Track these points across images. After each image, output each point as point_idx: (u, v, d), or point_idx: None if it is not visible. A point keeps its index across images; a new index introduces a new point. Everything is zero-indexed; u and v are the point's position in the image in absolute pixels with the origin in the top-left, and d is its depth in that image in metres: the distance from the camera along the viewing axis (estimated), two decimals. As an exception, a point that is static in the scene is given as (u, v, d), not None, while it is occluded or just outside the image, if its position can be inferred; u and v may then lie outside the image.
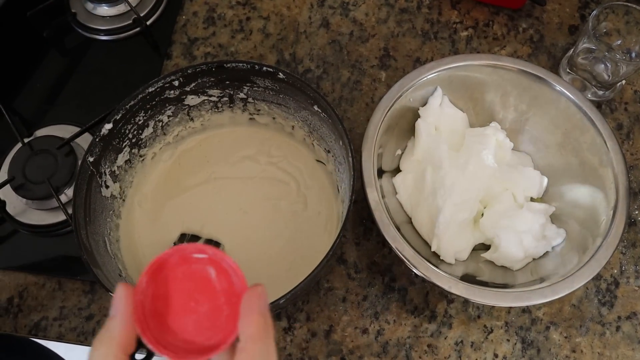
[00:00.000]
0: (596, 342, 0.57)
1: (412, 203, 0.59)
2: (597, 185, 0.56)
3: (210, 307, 0.31)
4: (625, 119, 0.66)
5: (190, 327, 0.31)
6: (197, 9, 0.73)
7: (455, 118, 0.62)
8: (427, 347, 0.57)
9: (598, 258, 0.51)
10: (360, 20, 0.72)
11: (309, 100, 0.55)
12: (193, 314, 0.31)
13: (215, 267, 0.32)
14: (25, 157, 0.63)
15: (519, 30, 0.71)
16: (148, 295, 0.31)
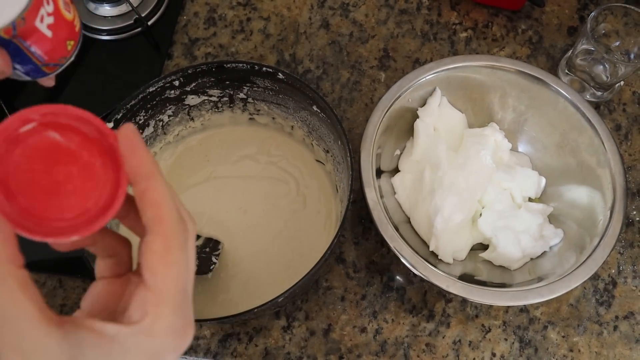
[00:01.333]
0: (594, 341, 0.57)
1: (410, 203, 0.59)
2: (594, 186, 0.56)
3: (79, 170, 0.26)
4: (623, 120, 0.66)
5: (73, 203, 0.26)
6: (198, 9, 0.74)
7: (454, 118, 0.62)
8: (425, 346, 0.57)
9: (595, 258, 0.52)
10: (360, 21, 0.73)
11: (308, 101, 0.55)
12: (66, 188, 0.26)
13: (55, 129, 0.26)
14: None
15: (518, 32, 0.71)
16: (4, 205, 0.25)
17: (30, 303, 0.23)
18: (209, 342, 0.58)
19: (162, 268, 0.26)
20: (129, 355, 0.25)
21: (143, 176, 0.26)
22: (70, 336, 0.24)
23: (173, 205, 0.27)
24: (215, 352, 0.57)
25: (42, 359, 0.23)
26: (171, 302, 0.26)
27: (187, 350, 0.57)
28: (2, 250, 0.23)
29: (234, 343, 0.58)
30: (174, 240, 0.26)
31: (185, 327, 0.27)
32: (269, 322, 0.58)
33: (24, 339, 0.23)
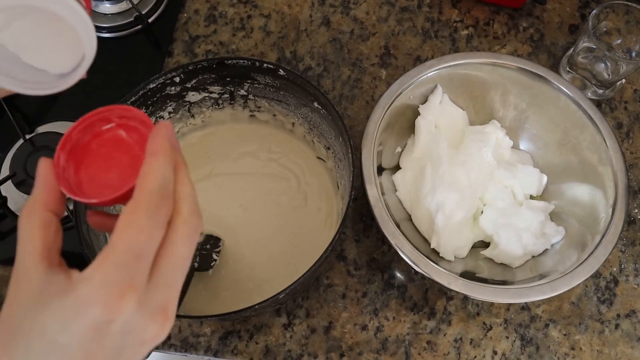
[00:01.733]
0: (595, 339, 0.57)
1: (411, 200, 0.59)
2: (596, 184, 0.56)
3: (128, 159, 0.33)
4: (625, 118, 0.66)
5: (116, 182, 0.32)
6: (199, 6, 0.74)
7: (455, 116, 0.62)
8: (427, 343, 0.57)
9: (597, 255, 0.51)
10: (361, 18, 0.72)
11: (310, 97, 0.55)
12: (115, 170, 0.33)
13: (124, 129, 0.34)
14: (27, 153, 0.63)
15: (520, 29, 0.71)
16: (70, 173, 0.32)
17: (39, 239, 0.28)
18: (210, 340, 0.57)
19: (121, 226, 0.28)
20: (69, 296, 0.27)
21: (148, 154, 0.30)
22: (50, 273, 0.28)
23: (158, 179, 0.29)
24: (216, 350, 0.57)
25: (24, 283, 0.28)
26: (116, 255, 0.27)
27: (187, 347, 0.57)
28: (42, 194, 0.30)
29: (234, 340, 0.57)
30: (142, 205, 0.28)
31: (125, 287, 0.27)
32: (269, 320, 0.58)
33: (21, 265, 0.28)
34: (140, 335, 0.28)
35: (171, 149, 0.31)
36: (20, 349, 0.27)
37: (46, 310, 0.27)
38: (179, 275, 0.30)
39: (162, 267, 0.29)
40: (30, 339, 0.27)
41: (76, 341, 0.27)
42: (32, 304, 0.27)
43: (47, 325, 0.27)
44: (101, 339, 0.27)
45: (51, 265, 0.28)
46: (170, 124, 0.32)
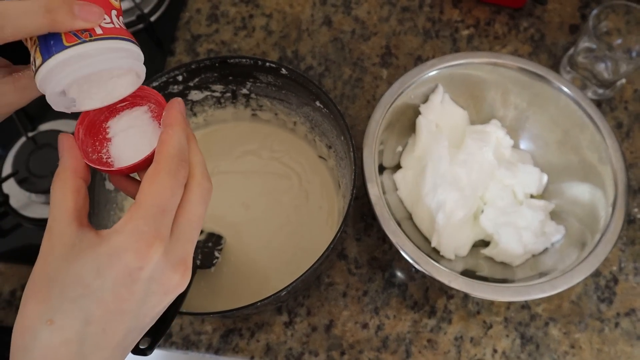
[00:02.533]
0: (595, 338, 0.57)
1: (412, 199, 0.59)
2: (596, 183, 0.56)
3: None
4: (625, 118, 0.66)
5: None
6: (201, 6, 0.74)
7: (456, 115, 0.62)
8: (427, 342, 0.57)
9: (597, 254, 0.52)
10: (362, 18, 0.73)
11: (311, 96, 0.55)
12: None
13: (139, 106, 0.37)
14: (29, 151, 0.63)
15: (520, 29, 0.71)
16: (88, 145, 0.35)
17: (72, 202, 0.31)
18: (211, 338, 0.58)
19: (146, 184, 0.31)
20: (101, 246, 0.30)
21: (165, 125, 0.33)
22: (82, 231, 0.31)
23: (175, 145, 0.32)
24: (217, 348, 0.57)
25: (57, 238, 0.30)
26: (144, 209, 0.30)
27: (189, 345, 0.57)
28: (71, 162, 0.33)
29: (235, 338, 0.58)
30: (163, 165, 0.31)
31: (153, 237, 0.30)
32: (270, 318, 0.58)
33: (55, 221, 0.31)
34: (164, 284, 0.31)
35: (184, 121, 0.34)
36: (56, 294, 0.29)
37: (80, 260, 0.30)
38: (195, 232, 0.33)
39: (181, 224, 0.32)
40: (65, 285, 0.29)
41: (109, 285, 0.29)
42: (66, 255, 0.30)
43: (82, 272, 0.29)
44: (131, 284, 0.30)
45: (81, 225, 0.31)
46: (182, 100, 0.35)
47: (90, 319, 0.29)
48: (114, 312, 0.30)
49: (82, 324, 0.29)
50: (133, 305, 0.30)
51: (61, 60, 0.30)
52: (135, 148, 0.35)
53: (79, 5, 0.30)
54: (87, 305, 0.29)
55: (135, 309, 0.31)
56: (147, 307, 0.31)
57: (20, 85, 0.34)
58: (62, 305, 0.29)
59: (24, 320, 0.29)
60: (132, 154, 0.35)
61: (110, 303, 0.30)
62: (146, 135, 0.35)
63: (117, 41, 0.32)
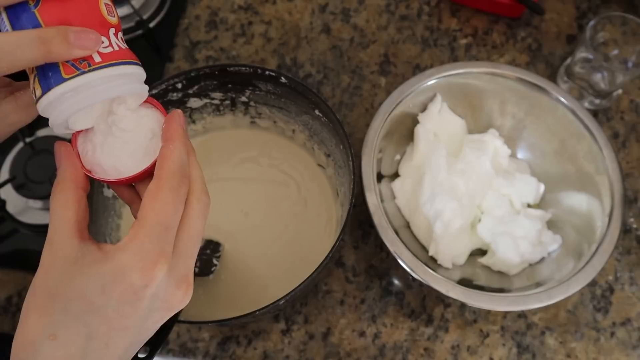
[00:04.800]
0: (591, 347, 0.58)
1: (410, 208, 0.60)
2: (593, 193, 0.57)
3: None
4: (621, 128, 0.67)
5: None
6: (200, 12, 0.74)
7: (454, 124, 0.62)
8: (424, 350, 0.58)
9: (593, 264, 0.52)
10: (360, 26, 0.73)
11: (310, 105, 0.55)
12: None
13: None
14: (27, 156, 0.63)
15: (518, 39, 0.72)
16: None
17: (73, 213, 0.31)
18: (208, 345, 0.58)
19: (149, 202, 0.31)
20: (105, 264, 0.30)
21: (165, 139, 0.33)
22: (83, 244, 0.30)
23: (176, 161, 0.32)
24: (214, 355, 0.57)
25: (59, 251, 0.30)
26: (147, 228, 0.30)
27: (186, 352, 0.57)
28: (70, 172, 0.32)
29: (232, 346, 0.58)
30: (165, 182, 0.31)
31: (157, 256, 0.30)
32: (268, 326, 0.58)
33: (56, 234, 0.31)
34: (168, 301, 0.31)
35: (185, 134, 0.34)
36: (59, 309, 0.29)
37: (83, 276, 0.29)
38: (196, 248, 0.33)
39: (182, 240, 0.32)
40: (69, 301, 0.29)
41: (113, 303, 0.29)
42: (68, 270, 0.30)
43: (86, 289, 0.29)
44: (136, 302, 0.30)
45: (83, 238, 0.31)
46: (182, 113, 0.35)
47: (93, 335, 0.29)
48: (117, 329, 0.30)
49: (85, 340, 0.29)
50: (136, 321, 0.30)
51: (60, 94, 0.30)
52: (133, 159, 0.34)
53: (74, 32, 0.29)
54: (91, 321, 0.29)
55: (138, 325, 0.31)
56: (149, 323, 0.31)
57: (23, 103, 0.34)
58: (66, 321, 0.29)
59: (26, 333, 0.29)
60: (130, 164, 0.34)
61: (114, 320, 0.30)
62: (143, 145, 0.35)
63: (117, 67, 0.31)
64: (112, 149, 0.34)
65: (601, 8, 0.73)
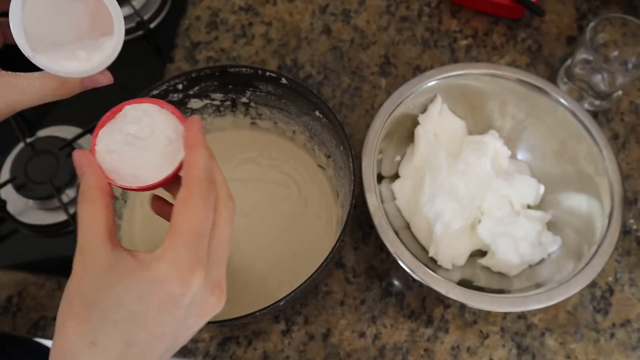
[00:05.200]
0: (591, 348, 0.58)
1: (410, 209, 0.60)
2: (593, 194, 0.57)
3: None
4: (621, 129, 0.67)
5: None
6: (200, 13, 0.74)
7: (454, 125, 0.62)
8: (424, 351, 0.58)
9: (593, 265, 0.52)
10: (361, 27, 0.73)
11: (311, 106, 0.55)
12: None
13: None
14: (27, 157, 0.63)
15: (518, 40, 0.72)
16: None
17: (103, 220, 0.31)
18: (208, 346, 0.58)
19: (181, 210, 0.31)
20: (143, 272, 0.30)
21: (188, 146, 0.34)
22: (116, 252, 0.31)
23: (203, 167, 0.32)
24: (214, 356, 0.57)
25: (92, 259, 0.30)
26: (182, 236, 0.31)
27: (185, 353, 0.57)
28: (95, 180, 0.33)
29: (233, 347, 0.58)
30: (194, 189, 0.32)
31: (193, 264, 0.30)
32: (268, 326, 0.58)
33: (88, 241, 0.31)
34: (202, 307, 0.32)
35: (205, 140, 0.34)
36: (97, 317, 0.29)
37: (121, 284, 0.30)
38: (226, 254, 0.34)
39: (214, 247, 0.32)
40: (107, 308, 0.30)
41: (152, 311, 0.30)
42: (103, 277, 0.30)
43: (125, 297, 0.30)
44: (173, 309, 0.30)
45: (114, 244, 0.31)
46: (200, 118, 0.35)
47: (131, 342, 0.30)
48: (154, 335, 0.30)
49: (123, 347, 0.30)
50: (172, 328, 0.31)
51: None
52: (151, 165, 0.35)
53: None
54: (130, 329, 0.30)
55: (174, 331, 0.31)
56: (184, 329, 0.32)
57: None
58: (104, 328, 0.29)
59: (64, 341, 0.30)
60: (149, 171, 0.35)
61: (152, 327, 0.30)
62: (160, 151, 0.35)
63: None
64: (130, 157, 0.35)
65: (601, 9, 0.73)
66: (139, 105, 0.36)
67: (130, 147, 0.35)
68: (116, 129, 0.35)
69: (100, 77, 0.36)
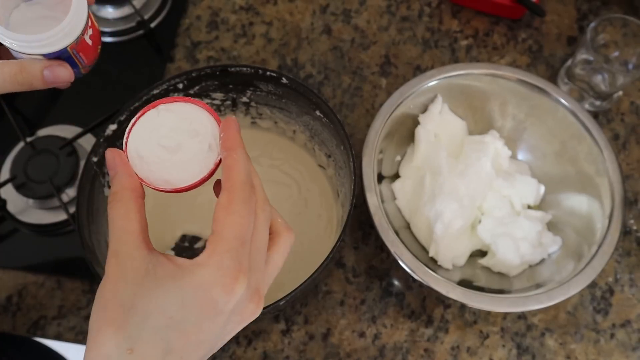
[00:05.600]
0: (590, 348, 0.58)
1: (410, 208, 0.60)
2: (593, 194, 0.57)
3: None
4: (621, 130, 0.67)
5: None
6: (201, 12, 0.74)
7: (455, 125, 0.62)
8: (424, 351, 0.58)
9: (593, 265, 0.52)
10: (361, 27, 0.73)
11: (311, 105, 0.55)
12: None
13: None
14: (27, 156, 0.63)
15: (518, 40, 0.72)
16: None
17: (137, 223, 0.31)
18: (208, 345, 0.57)
19: (223, 215, 0.31)
20: (184, 279, 0.29)
21: (227, 148, 0.33)
22: (152, 256, 0.30)
23: (243, 171, 0.32)
24: (214, 355, 0.57)
25: (127, 263, 0.30)
26: (225, 243, 0.30)
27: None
28: (128, 181, 0.32)
29: (232, 346, 0.58)
30: (237, 194, 0.31)
31: (237, 271, 0.30)
32: (268, 326, 0.58)
33: (122, 245, 0.30)
34: (242, 314, 0.31)
35: (238, 138, 0.33)
36: (135, 323, 0.29)
37: (161, 289, 0.29)
38: (264, 259, 0.33)
39: (253, 252, 0.32)
40: (147, 314, 0.29)
41: (193, 318, 0.29)
42: (141, 282, 0.29)
43: (165, 303, 0.29)
44: (215, 316, 0.30)
45: (150, 248, 0.31)
46: (236, 119, 0.34)
47: (170, 349, 0.29)
48: (193, 343, 0.30)
49: (162, 354, 0.29)
50: (212, 335, 0.30)
51: None
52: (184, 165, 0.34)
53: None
54: (169, 335, 0.29)
55: (213, 338, 0.31)
56: (222, 335, 0.32)
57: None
58: (142, 334, 0.29)
59: (101, 347, 0.29)
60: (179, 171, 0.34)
61: (191, 334, 0.30)
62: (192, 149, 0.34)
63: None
64: (162, 160, 0.34)
65: (602, 10, 0.73)
66: (171, 105, 0.35)
67: (162, 150, 0.34)
68: (147, 131, 0.34)
69: (60, 70, 0.36)
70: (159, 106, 0.35)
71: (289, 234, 0.34)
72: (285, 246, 0.34)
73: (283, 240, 0.34)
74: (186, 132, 0.34)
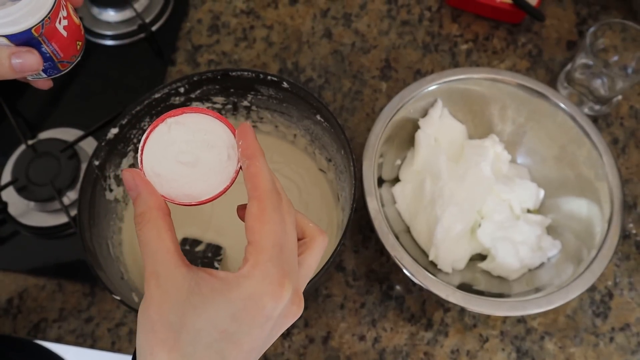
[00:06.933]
0: (590, 352, 0.58)
1: (410, 212, 0.60)
2: (592, 198, 0.57)
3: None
4: (620, 134, 0.67)
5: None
6: (202, 16, 0.74)
7: (455, 130, 0.63)
8: (424, 355, 0.58)
9: (593, 269, 0.52)
10: (362, 31, 0.73)
11: (312, 110, 0.56)
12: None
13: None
14: (29, 159, 0.64)
15: (518, 45, 0.72)
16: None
17: (170, 242, 0.31)
18: (208, 348, 0.58)
19: (258, 225, 0.31)
20: (232, 292, 0.29)
21: (247, 156, 0.33)
22: (192, 273, 0.30)
23: (269, 178, 0.32)
24: (215, 358, 0.57)
25: (169, 283, 0.30)
26: (266, 252, 0.30)
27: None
28: (153, 200, 0.32)
29: (233, 349, 0.58)
30: (267, 202, 0.31)
31: (281, 277, 0.30)
32: (268, 329, 0.58)
33: (160, 265, 0.30)
34: (287, 316, 0.32)
35: (257, 144, 0.34)
36: (188, 341, 0.29)
37: (210, 305, 0.29)
38: (296, 260, 0.33)
39: (287, 256, 0.32)
40: (198, 332, 0.29)
41: (245, 328, 0.30)
42: (187, 301, 0.29)
43: (216, 318, 0.29)
44: (265, 323, 0.30)
45: (187, 265, 0.31)
46: (250, 125, 0.35)
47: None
48: (246, 351, 0.30)
49: None
50: (262, 342, 0.31)
51: None
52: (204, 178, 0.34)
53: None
54: (224, 348, 0.30)
55: (262, 344, 0.31)
56: (269, 339, 0.32)
57: None
58: (196, 352, 0.29)
59: None
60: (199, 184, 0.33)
61: (245, 344, 0.30)
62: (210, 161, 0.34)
63: None
64: (181, 175, 0.33)
65: (601, 14, 0.74)
66: (180, 117, 0.34)
67: (181, 166, 0.33)
68: (161, 148, 0.34)
69: (28, 56, 0.36)
70: (167, 120, 0.34)
71: (323, 237, 0.35)
72: (319, 249, 0.34)
73: (317, 243, 0.34)
74: (202, 144, 0.34)
